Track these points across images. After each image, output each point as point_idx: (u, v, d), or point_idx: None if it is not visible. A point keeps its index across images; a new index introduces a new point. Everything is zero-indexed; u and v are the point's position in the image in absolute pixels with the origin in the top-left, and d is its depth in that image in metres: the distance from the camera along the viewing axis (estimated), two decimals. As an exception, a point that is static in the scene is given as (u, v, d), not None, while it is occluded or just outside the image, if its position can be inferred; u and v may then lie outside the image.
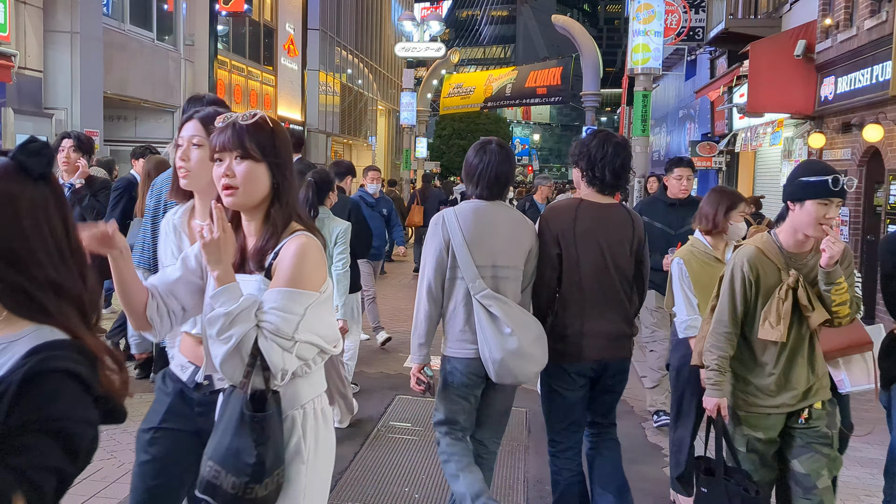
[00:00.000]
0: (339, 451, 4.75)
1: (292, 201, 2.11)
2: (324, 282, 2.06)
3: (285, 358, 1.95)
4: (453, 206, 3.47)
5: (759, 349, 3.06)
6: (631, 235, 3.45)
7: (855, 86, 10.28)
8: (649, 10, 10.98)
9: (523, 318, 3.27)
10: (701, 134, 18.60)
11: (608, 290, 3.39)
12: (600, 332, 3.36)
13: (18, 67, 10.59)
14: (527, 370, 3.24)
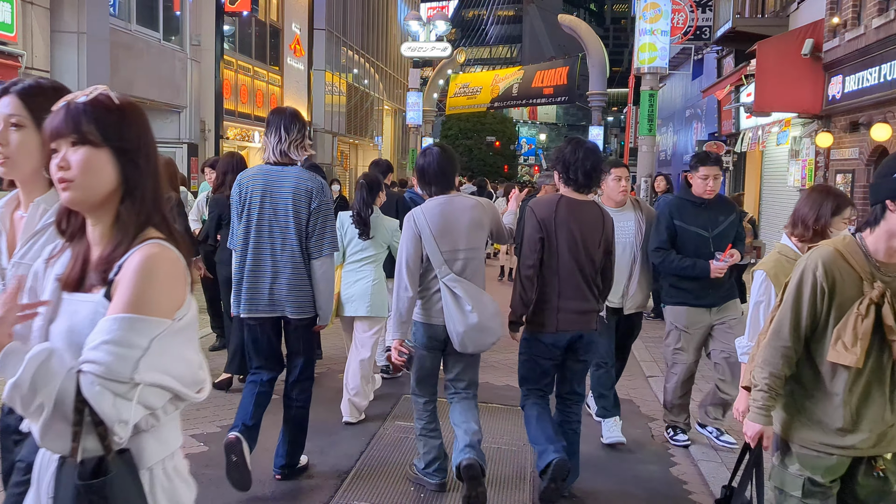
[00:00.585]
0: (344, 449, 4.77)
1: (150, 199, 1.68)
2: (180, 305, 1.62)
3: (120, 406, 1.51)
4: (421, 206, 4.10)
5: (826, 374, 2.52)
6: (601, 229, 4.09)
7: (863, 85, 10.23)
8: (656, 9, 10.94)
9: (482, 298, 3.95)
10: (708, 133, 18.56)
11: (580, 273, 4.02)
12: (573, 308, 3.99)
13: (25, 68, 10.62)
14: (485, 341, 3.98)
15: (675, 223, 5.00)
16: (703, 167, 5.02)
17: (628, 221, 5.15)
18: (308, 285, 4.03)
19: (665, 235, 5.02)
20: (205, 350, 7.30)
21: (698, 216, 5.03)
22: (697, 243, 4.97)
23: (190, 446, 4.73)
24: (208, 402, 5.61)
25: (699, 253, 4.93)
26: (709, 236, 5.00)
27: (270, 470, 4.39)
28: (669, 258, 4.97)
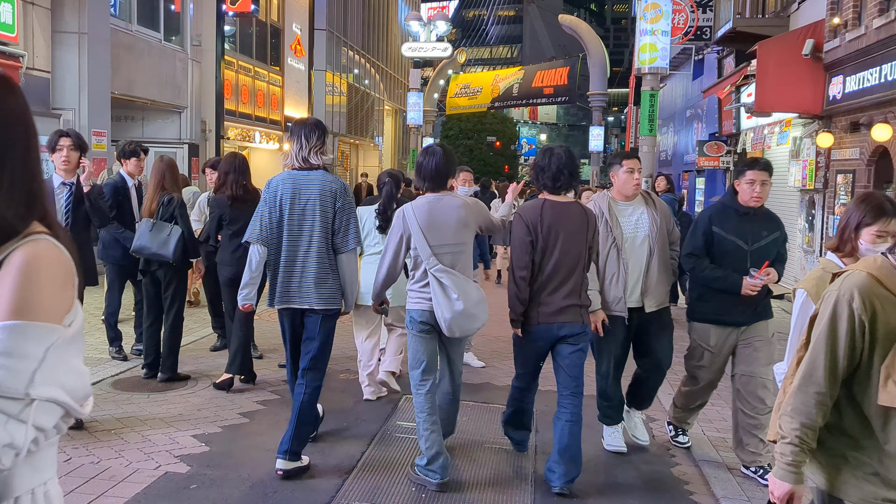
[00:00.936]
0: (345, 450, 4.78)
1: (19, 192, 1.42)
2: (69, 309, 1.41)
3: (13, 430, 1.28)
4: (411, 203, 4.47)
5: (876, 420, 2.15)
6: (585, 227, 4.36)
7: (863, 85, 10.24)
8: (656, 9, 10.94)
9: (467, 286, 4.27)
10: (709, 133, 18.56)
11: (565, 271, 4.29)
12: (557, 304, 4.27)
13: (26, 68, 10.63)
14: (471, 327, 4.36)
15: (714, 230, 4.64)
16: (750, 171, 4.59)
17: (642, 215, 4.85)
18: (333, 278, 4.40)
19: (700, 241, 4.67)
20: (206, 350, 7.31)
21: (740, 226, 4.59)
22: (734, 255, 4.57)
23: (191, 447, 4.73)
24: (210, 401, 5.63)
25: (734, 266, 4.54)
26: (747, 250, 4.56)
27: (271, 470, 4.40)
28: (701, 266, 4.64)
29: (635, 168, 4.84)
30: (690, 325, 4.89)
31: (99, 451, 4.59)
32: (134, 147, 6.80)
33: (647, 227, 4.80)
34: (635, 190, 4.87)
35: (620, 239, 4.74)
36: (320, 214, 4.35)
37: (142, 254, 6.00)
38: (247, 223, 5.95)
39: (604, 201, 4.85)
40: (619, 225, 4.78)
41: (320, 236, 4.35)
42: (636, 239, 4.78)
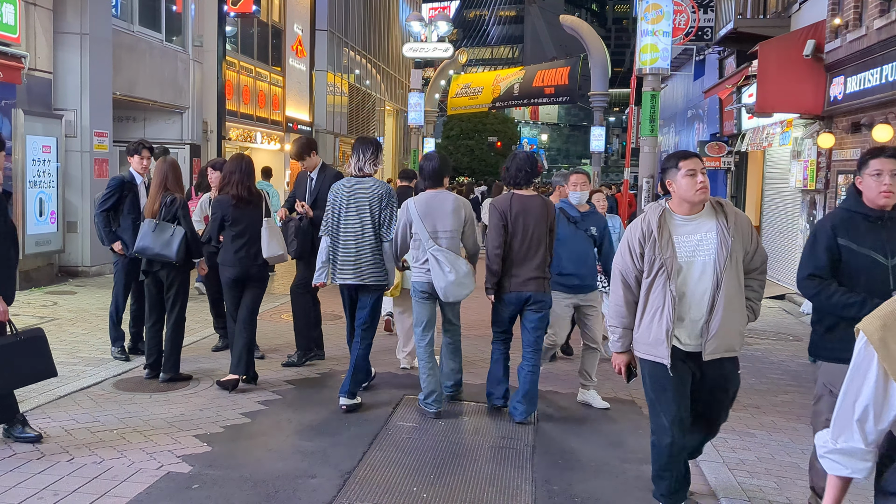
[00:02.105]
0: (346, 450, 4.79)
1: None
2: None
3: None
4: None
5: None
6: (546, 215, 5.51)
7: (864, 86, 10.24)
8: (658, 10, 10.91)
9: (457, 262, 5.47)
10: (710, 134, 18.54)
11: (529, 250, 5.44)
12: (523, 276, 5.43)
13: (28, 69, 10.65)
14: (461, 293, 5.50)
15: (840, 242, 3.72)
16: (874, 160, 3.69)
17: (708, 233, 3.73)
18: (379, 261, 5.67)
19: (824, 259, 3.74)
20: (208, 350, 7.33)
21: (873, 235, 3.68)
22: (870, 273, 3.66)
23: (193, 447, 4.75)
24: (212, 402, 5.65)
25: (871, 287, 3.62)
26: (887, 264, 3.65)
27: (272, 470, 4.41)
28: (828, 291, 3.70)
29: (697, 169, 3.73)
30: (816, 366, 4.04)
31: (101, 450, 4.61)
32: (136, 145, 6.84)
33: (713, 250, 3.71)
34: (701, 196, 3.74)
35: (672, 263, 3.69)
36: (369, 212, 5.63)
37: (145, 254, 6.02)
38: (249, 224, 6.01)
39: (655, 215, 3.79)
40: (673, 245, 3.72)
41: (370, 229, 5.62)
42: (696, 264, 3.71)
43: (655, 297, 3.76)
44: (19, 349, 4.53)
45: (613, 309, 3.95)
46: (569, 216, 6.00)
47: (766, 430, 5.72)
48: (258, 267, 6.08)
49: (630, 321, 3.91)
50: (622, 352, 3.98)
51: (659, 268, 3.73)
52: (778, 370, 7.63)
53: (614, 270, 3.93)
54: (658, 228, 3.74)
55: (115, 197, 6.61)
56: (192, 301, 6.44)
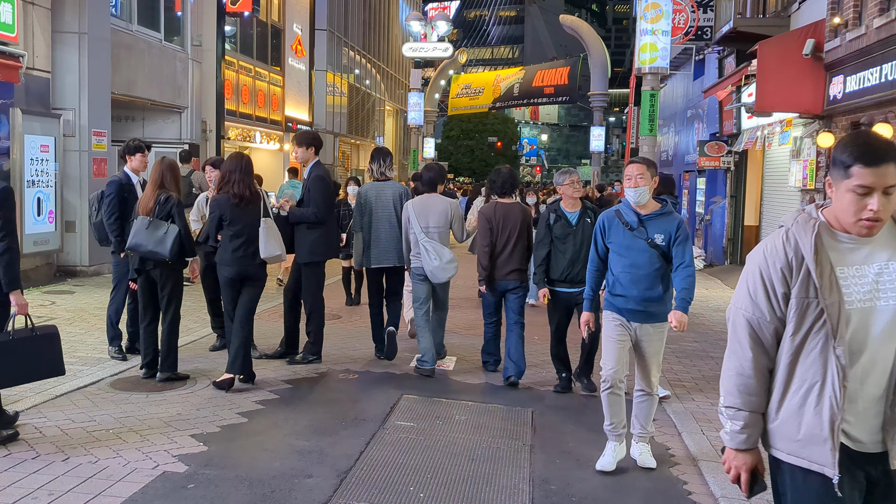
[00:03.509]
0: (343, 450, 4.77)
1: None
2: None
3: None
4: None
5: None
6: (523, 219, 6.62)
7: (864, 85, 10.22)
8: (657, 9, 10.91)
9: (442, 251, 6.66)
10: (709, 134, 18.52)
11: (512, 249, 6.55)
12: (506, 269, 6.54)
13: (26, 68, 10.63)
14: (445, 275, 6.69)
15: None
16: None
17: (891, 262, 2.31)
18: (400, 247, 6.97)
19: None
20: (205, 350, 7.30)
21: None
22: None
23: (189, 446, 4.72)
24: (208, 401, 5.63)
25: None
26: None
27: (269, 470, 4.40)
28: None
29: (876, 187, 2.21)
30: None
31: (97, 450, 4.59)
32: (137, 143, 6.85)
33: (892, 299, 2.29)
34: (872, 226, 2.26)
35: (838, 312, 2.25)
36: (392, 208, 7.02)
37: (137, 251, 5.97)
38: (248, 224, 5.99)
39: (807, 233, 2.32)
40: (837, 284, 2.27)
41: (394, 222, 6.99)
42: (876, 312, 2.27)
43: (809, 366, 2.31)
44: (33, 344, 4.66)
45: (734, 380, 2.41)
46: (624, 221, 4.69)
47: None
48: (256, 266, 6.06)
49: (761, 401, 2.40)
50: (746, 449, 2.39)
51: (816, 318, 2.29)
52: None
53: (736, 317, 2.42)
54: (814, 255, 2.28)
55: (117, 201, 6.57)
56: (189, 300, 6.42)
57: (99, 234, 6.85)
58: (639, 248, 4.61)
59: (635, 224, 4.64)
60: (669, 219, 4.65)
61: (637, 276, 4.61)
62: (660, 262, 4.62)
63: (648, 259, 4.60)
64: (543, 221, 6.35)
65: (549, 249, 6.26)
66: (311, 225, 6.70)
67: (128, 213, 6.45)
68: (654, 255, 4.61)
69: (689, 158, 21.57)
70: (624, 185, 4.79)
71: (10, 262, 4.57)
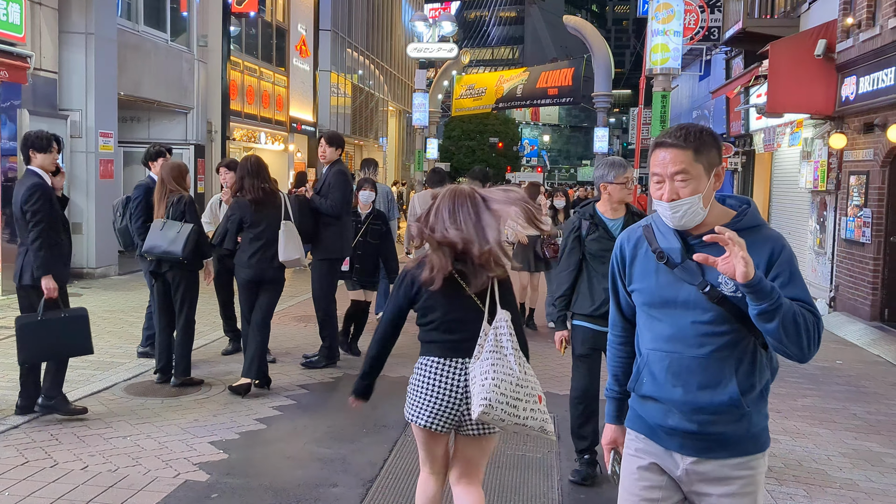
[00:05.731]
0: (366, 457, 4.68)
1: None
2: None
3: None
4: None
5: None
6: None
7: (878, 86, 10.13)
8: (668, 9, 10.80)
9: None
10: (716, 135, 18.45)
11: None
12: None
13: (34, 68, 10.55)
14: None
15: None
16: None
17: None
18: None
19: None
20: (218, 354, 7.22)
21: None
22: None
23: (209, 454, 4.64)
24: (225, 407, 5.55)
25: None
26: None
27: (292, 479, 4.31)
28: None
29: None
30: None
31: (116, 458, 4.50)
32: (158, 148, 6.89)
33: None
34: None
35: None
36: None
37: (152, 253, 5.93)
38: (268, 227, 5.93)
39: None
40: None
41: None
42: None
43: None
44: (63, 325, 5.08)
45: None
46: (656, 247, 2.39)
47: (790, 435, 5.62)
48: (274, 270, 5.98)
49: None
50: None
51: None
52: (794, 373, 7.52)
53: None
54: None
55: (144, 205, 6.50)
56: (200, 302, 6.31)
57: (124, 239, 6.81)
58: (686, 303, 2.30)
59: (678, 255, 2.32)
60: (755, 238, 2.27)
61: (683, 359, 2.30)
62: (732, 332, 2.27)
63: (707, 324, 2.28)
64: (571, 233, 4.54)
65: (578, 273, 4.50)
66: (328, 221, 6.69)
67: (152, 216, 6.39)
68: (718, 315, 2.27)
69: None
70: (654, 194, 2.39)
71: (38, 249, 5.01)
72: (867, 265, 10.33)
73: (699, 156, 2.22)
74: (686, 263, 2.30)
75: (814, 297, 3.84)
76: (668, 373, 2.32)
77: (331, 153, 6.87)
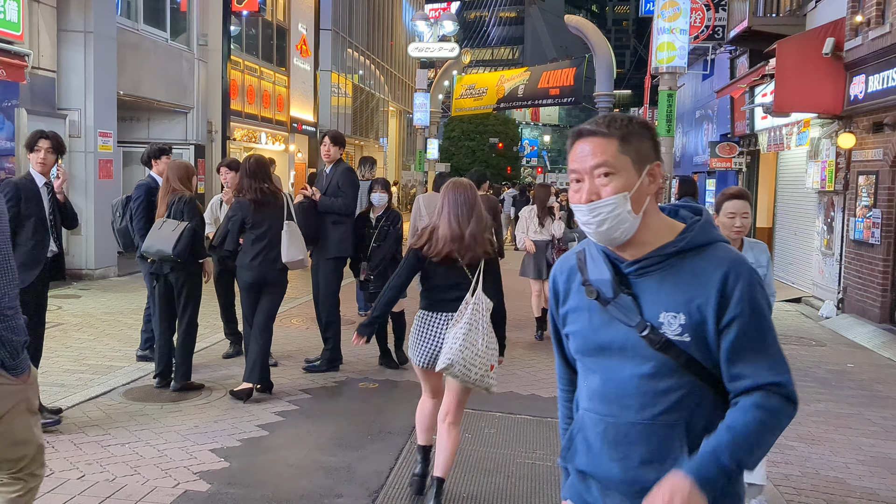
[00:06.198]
0: (372, 466, 4.54)
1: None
2: None
3: None
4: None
5: None
6: (490, 207, 7.20)
7: (887, 84, 9.99)
8: (675, 7, 10.66)
9: None
10: (720, 134, 18.31)
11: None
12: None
13: (32, 67, 10.41)
14: None
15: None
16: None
17: None
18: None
19: None
20: (219, 357, 7.08)
21: None
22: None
23: (210, 462, 4.49)
24: (226, 413, 5.41)
25: None
26: None
27: (296, 489, 4.17)
28: None
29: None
30: None
31: (114, 467, 4.36)
32: (160, 147, 6.76)
33: None
34: None
35: None
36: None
37: (149, 253, 5.80)
38: (270, 227, 5.79)
39: None
40: None
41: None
42: None
43: None
44: None
45: None
46: (586, 279, 1.90)
47: (805, 442, 5.48)
48: (276, 272, 5.83)
49: None
50: None
51: None
52: (806, 377, 7.38)
53: None
54: None
55: (145, 205, 6.35)
56: (202, 305, 6.17)
57: (124, 240, 6.66)
58: (624, 350, 1.82)
59: (609, 288, 1.84)
60: (702, 264, 1.79)
61: (621, 426, 1.82)
62: (681, 387, 1.78)
63: (649, 379, 1.79)
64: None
65: None
66: (337, 220, 6.60)
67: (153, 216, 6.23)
68: (662, 366, 1.78)
69: (698, 159, 21.37)
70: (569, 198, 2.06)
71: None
72: (876, 266, 10.19)
73: (626, 146, 1.75)
74: (620, 298, 1.80)
75: (821, 299, 3.64)
76: (605, 442, 1.81)
77: (335, 152, 6.78)
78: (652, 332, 1.75)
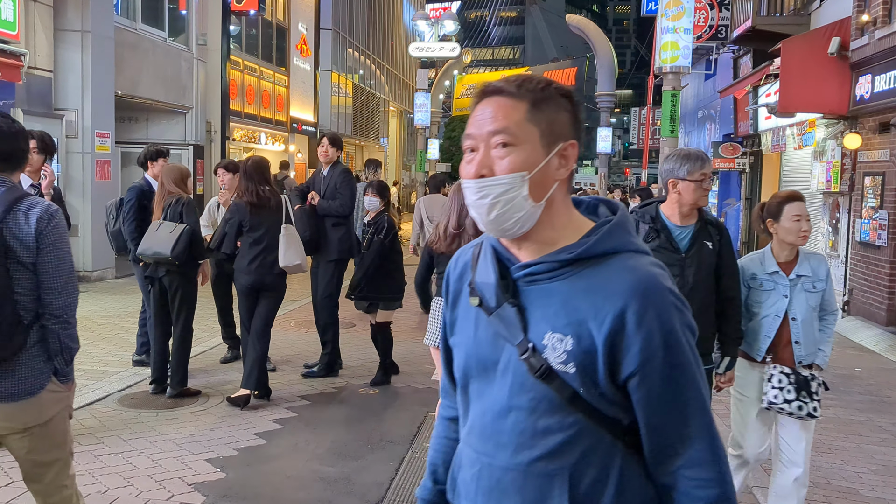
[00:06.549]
0: (372, 477, 4.41)
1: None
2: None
3: None
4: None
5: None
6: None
7: (895, 84, 9.87)
8: (678, 6, 10.54)
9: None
10: (723, 135, 18.18)
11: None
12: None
13: (28, 67, 10.28)
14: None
15: None
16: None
17: None
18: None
19: None
20: (216, 362, 6.96)
21: None
22: None
23: (206, 473, 4.37)
24: (223, 420, 5.28)
25: None
26: None
27: (293, 501, 4.04)
28: None
29: None
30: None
31: (106, 478, 4.23)
32: (157, 149, 6.61)
33: None
34: None
35: None
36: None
37: (145, 255, 5.67)
38: (267, 231, 5.67)
39: None
40: None
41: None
42: None
43: None
44: None
45: None
46: (472, 283, 1.54)
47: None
48: (274, 276, 5.71)
49: None
50: None
51: None
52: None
53: None
54: None
55: (137, 208, 6.22)
56: (199, 308, 6.05)
57: (117, 243, 6.52)
58: (505, 374, 1.43)
59: (493, 295, 1.45)
60: (601, 279, 1.37)
61: (494, 470, 1.43)
62: (566, 427, 1.37)
63: (526, 412, 1.39)
64: None
65: None
66: (337, 221, 6.53)
67: (148, 220, 6.07)
68: (543, 398, 1.38)
69: (701, 160, 21.22)
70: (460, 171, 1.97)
71: None
72: (883, 269, 10.06)
73: (537, 114, 1.38)
74: (503, 309, 1.41)
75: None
76: (478, 487, 1.44)
77: (333, 153, 6.68)
78: (532, 355, 1.36)
